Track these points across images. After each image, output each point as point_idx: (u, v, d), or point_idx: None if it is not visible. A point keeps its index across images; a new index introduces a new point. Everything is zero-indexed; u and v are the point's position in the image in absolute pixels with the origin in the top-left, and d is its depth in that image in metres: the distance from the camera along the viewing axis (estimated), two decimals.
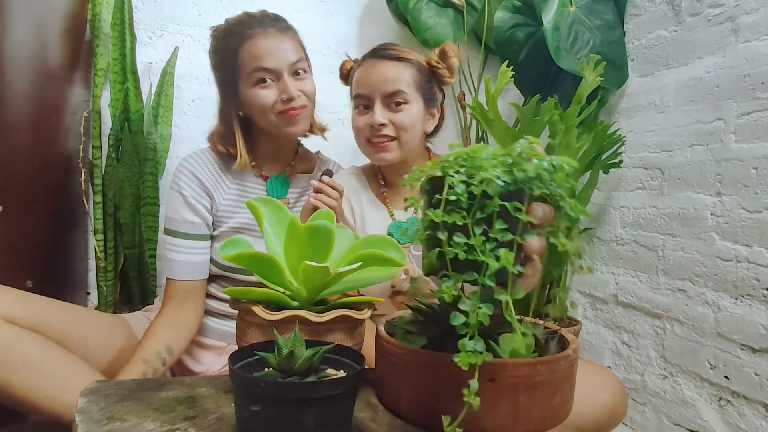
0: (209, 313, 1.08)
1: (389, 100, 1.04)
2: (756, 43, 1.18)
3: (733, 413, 1.19)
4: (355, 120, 1.08)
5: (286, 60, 1.01)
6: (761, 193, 1.15)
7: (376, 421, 0.58)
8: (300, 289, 0.67)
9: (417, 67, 1.07)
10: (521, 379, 0.53)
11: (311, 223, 0.65)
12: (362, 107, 1.07)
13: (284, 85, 1.01)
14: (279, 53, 1.01)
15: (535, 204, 0.48)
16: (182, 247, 1.02)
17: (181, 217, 1.03)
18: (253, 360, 0.56)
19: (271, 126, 1.05)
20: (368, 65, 1.07)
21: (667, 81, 1.43)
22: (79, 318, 0.93)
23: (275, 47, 1.01)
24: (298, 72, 1.04)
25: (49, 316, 0.86)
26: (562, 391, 0.56)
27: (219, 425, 0.55)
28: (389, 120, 1.04)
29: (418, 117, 1.07)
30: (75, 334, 0.88)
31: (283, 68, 1.01)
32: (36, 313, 0.84)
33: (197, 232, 1.04)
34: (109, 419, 0.55)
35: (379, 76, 1.04)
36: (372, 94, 1.05)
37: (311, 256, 0.64)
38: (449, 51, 1.10)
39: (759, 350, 1.14)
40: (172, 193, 1.06)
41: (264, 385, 0.48)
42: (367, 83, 1.05)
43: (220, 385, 0.67)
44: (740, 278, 1.18)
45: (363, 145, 1.09)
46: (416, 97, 1.06)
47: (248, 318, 0.65)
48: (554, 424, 0.57)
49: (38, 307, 0.86)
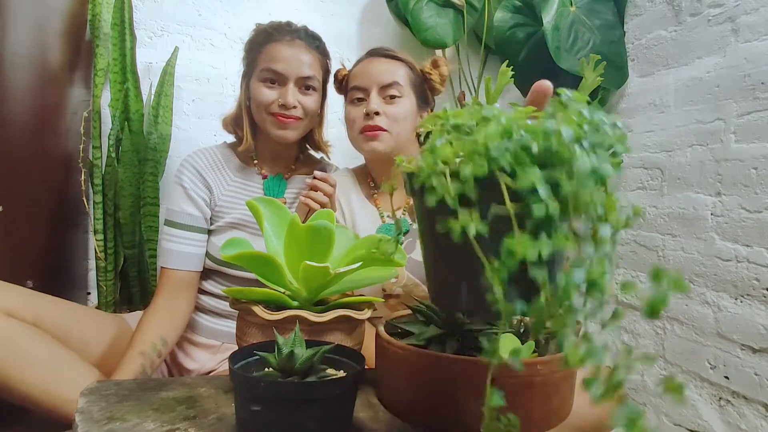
0: (203, 311, 1.09)
1: (384, 92, 1.07)
2: (756, 43, 1.18)
3: (733, 413, 1.19)
4: (350, 112, 1.10)
5: (297, 71, 1.06)
6: (761, 193, 1.15)
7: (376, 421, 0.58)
8: (300, 289, 0.67)
9: (411, 68, 1.11)
10: (521, 379, 0.53)
11: (311, 223, 0.65)
12: (356, 100, 1.09)
13: (285, 92, 1.05)
14: (294, 62, 1.06)
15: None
16: (179, 237, 1.05)
17: (181, 208, 1.07)
18: (253, 360, 0.56)
19: (262, 123, 1.09)
20: (365, 62, 1.11)
21: (667, 81, 1.43)
22: (78, 315, 0.94)
23: (292, 57, 1.06)
24: (307, 87, 1.08)
25: (48, 312, 0.87)
26: (562, 392, 0.57)
27: (219, 425, 0.55)
28: (383, 111, 1.05)
29: (411, 112, 1.09)
30: (74, 331, 0.90)
31: (291, 77, 1.06)
32: (36, 308, 0.85)
33: (195, 224, 1.07)
34: (109, 419, 0.55)
35: (375, 69, 1.08)
36: (368, 86, 1.07)
37: (311, 256, 0.64)
38: (440, 61, 1.14)
39: (759, 350, 1.14)
40: (174, 186, 1.09)
41: (264, 385, 0.48)
42: (363, 75, 1.08)
43: (220, 385, 0.67)
44: (740, 278, 1.18)
45: (355, 137, 1.10)
46: (409, 93, 1.09)
47: (248, 318, 0.65)
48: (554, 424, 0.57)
49: (38, 303, 0.87)
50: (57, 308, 0.90)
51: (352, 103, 1.10)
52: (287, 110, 1.06)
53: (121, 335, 1.00)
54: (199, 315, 1.09)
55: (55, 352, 0.81)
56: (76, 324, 0.92)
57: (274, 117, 1.06)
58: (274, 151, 1.16)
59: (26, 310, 0.83)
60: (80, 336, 0.90)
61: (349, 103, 1.11)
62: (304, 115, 1.08)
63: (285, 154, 1.18)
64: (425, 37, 1.60)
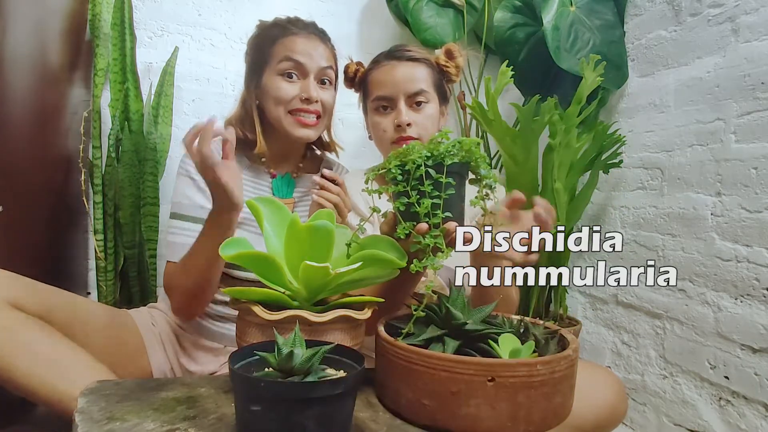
0: (208, 316, 1.08)
1: (411, 100, 1.06)
2: (756, 43, 1.18)
3: (733, 413, 1.19)
4: (380, 123, 1.08)
5: (317, 63, 1.04)
6: (761, 193, 1.15)
7: (376, 421, 0.58)
8: (300, 289, 0.67)
9: (431, 66, 1.10)
10: (521, 379, 0.53)
11: (311, 223, 0.65)
12: (382, 108, 1.08)
13: (307, 85, 1.03)
14: (314, 53, 1.04)
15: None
16: (188, 230, 1.01)
17: (191, 201, 1.03)
18: (253, 360, 0.56)
19: (279, 122, 1.05)
20: (388, 67, 1.09)
21: (667, 81, 1.43)
22: (84, 309, 0.93)
23: (311, 48, 1.04)
24: (323, 81, 1.07)
25: (55, 305, 0.86)
26: (562, 391, 0.57)
27: (219, 425, 0.55)
28: (413, 121, 1.05)
29: (436, 115, 1.10)
30: (79, 325, 0.89)
31: (311, 69, 1.04)
32: (41, 300, 0.84)
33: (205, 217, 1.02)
34: (109, 419, 0.55)
35: (402, 76, 1.06)
36: (395, 95, 1.06)
37: (311, 256, 0.64)
38: (455, 50, 1.13)
39: (759, 350, 1.14)
40: (180, 179, 1.05)
41: (264, 385, 0.48)
42: (390, 84, 1.07)
43: (220, 385, 0.67)
44: (740, 278, 1.18)
45: (387, 147, 1.09)
46: (433, 96, 1.09)
47: (248, 318, 0.65)
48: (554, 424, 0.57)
49: (44, 295, 0.86)
50: (64, 301, 0.89)
51: (378, 112, 1.09)
52: (310, 104, 1.03)
53: (126, 330, 1.00)
54: (204, 320, 1.08)
55: (60, 346, 0.80)
56: (83, 318, 0.90)
57: (295, 116, 1.04)
58: (283, 150, 1.13)
59: (33, 302, 0.82)
60: (86, 330, 0.90)
61: (374, 111, 1.10)
62: (323, 112, 1.07)
63: (294, 153, 1.16)
64: (425, 37, 1.60)
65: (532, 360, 0.54)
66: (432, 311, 0.65)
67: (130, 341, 0.98)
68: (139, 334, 1.01)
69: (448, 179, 0.66)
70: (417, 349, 0.57)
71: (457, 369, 0.53)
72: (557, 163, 1.42)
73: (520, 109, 1.33)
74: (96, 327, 0.93)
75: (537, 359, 0.55)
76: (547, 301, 1.59)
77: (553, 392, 0.55)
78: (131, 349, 0.96)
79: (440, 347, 0.60)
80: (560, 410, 0.57)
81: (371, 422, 0.58)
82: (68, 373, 0.78)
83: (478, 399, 0.53)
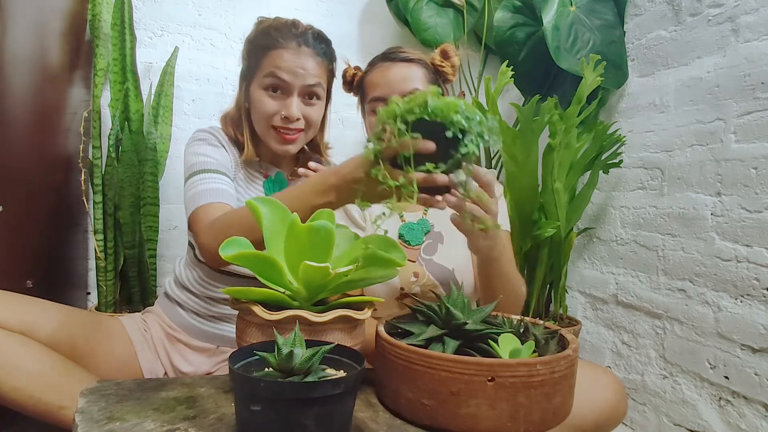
0: (200, 315, 1.08)
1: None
2: (756, 43, 1.18)
3: (733, 413, 1.19)
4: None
5: (302, 81, 1.02)
6: (761, 193, 1.15)
7: (376, 421, 0.58)
8: (300, 289, 0.67)
9: (426, 67, 1.10)
10: (521, 379, 0.53)
11: (311, 223, 0.65)
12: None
13: (289, 104, 1.02)
14: (299, 72, 1.01)
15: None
16: (211, 178, 0.97)
17: (213, 157, 1.01)
18: (253, 360, 0.56)
19: (263, 135, 1.06)
20: (383, 68, 1.09)
21: (667, 81, 1.43)
22: (69, 319, 0.92)
23: (298, 66, 1.01)
24: (310, 96, 1.05)
25: (36, 318, 0.86)
26: (562, 391, 0.57)
27: (219, 425, 0.55)
28: None
29: None
30: (64, 336, 0.88)
31: (295, 87, 1.02)
32: (23, 315, 0.84)
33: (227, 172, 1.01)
34: (109, 419, 0.55)
35: (396, 77, 1.06)
36: (390, 95, 1.06)
37: (311, 256, 0.64)
38: (450, 50, 1.12)
39: (759, 350, 1.14)
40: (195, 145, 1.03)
41: (264, 385, 0.48)
42: (384, 84, 1.07)
43: (220, 385, 0.67)
44: (740, 278, 1.18)
45: None
46: None
47: (248, 318, 0.65)
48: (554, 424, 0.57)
49: (26, 309, 0.86)
50: (46, 314, 0.88)
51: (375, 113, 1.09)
52: (290, 123, 1.02)
53: (115, 338, 0.99)
54: (194, 318, 1.08)
55: (43, 358, 0.81)
56: (67, 328, 0.90)
57: (277, 132, 1.03)
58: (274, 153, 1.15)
59: (14, 317, 0.82)
60: (71, 340, 0.89)
61: (371, 112, 1.09)
62: (307, 127, 1.06)
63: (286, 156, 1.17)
64: (425, 37, 1.60)
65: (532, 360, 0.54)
66: (432, 311, 0.65)
67: (118, 349, 0.98)
68: (129, 341, 1.01)
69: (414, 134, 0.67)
70: (417, 349, 0.57)
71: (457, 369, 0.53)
72: (557, 163, 1.42)
73: (520, 109, 1.33)
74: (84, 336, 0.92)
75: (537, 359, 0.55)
76: (547, 301, 1.60)
77: (553, 392, 0.55)
78: (119, 357, 0.96)
79: (440, 347, 0.60)
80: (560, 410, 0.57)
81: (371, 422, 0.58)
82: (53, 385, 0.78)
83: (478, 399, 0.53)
